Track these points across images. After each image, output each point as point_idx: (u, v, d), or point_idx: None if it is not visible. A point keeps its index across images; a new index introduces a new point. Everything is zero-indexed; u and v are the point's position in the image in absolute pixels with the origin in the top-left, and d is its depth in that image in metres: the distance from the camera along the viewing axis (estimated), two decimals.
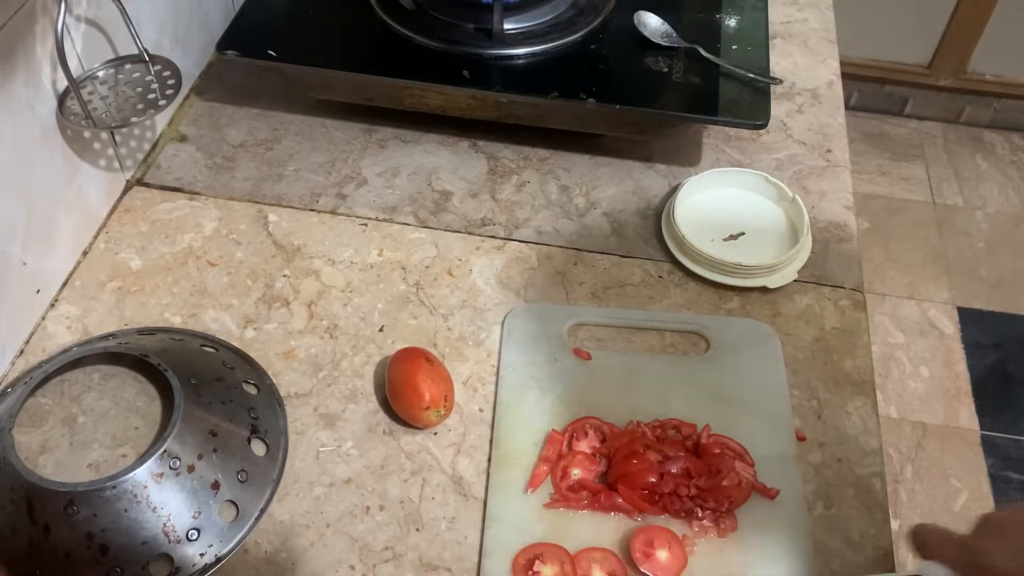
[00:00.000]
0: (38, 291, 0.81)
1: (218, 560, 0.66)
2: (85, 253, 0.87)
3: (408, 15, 0.97)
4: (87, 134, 0.85)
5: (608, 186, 0.95)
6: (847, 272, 0.87)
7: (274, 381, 0.77)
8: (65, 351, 0.77)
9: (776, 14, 1.13)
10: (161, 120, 0.98)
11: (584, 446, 0.72)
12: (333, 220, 0.90)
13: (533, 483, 0.70)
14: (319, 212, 0.91)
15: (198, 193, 0.92)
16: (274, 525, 0.69)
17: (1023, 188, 2.25)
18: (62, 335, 0.80)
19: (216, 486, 0.67)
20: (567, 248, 0.88)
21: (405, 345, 0.79)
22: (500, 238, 0.89)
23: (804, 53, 1.11)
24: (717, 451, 0.71)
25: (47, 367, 0.73)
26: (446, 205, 0.92)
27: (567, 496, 0.69)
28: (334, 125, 1.00)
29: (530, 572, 0.65)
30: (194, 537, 0.65)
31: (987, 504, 1.67)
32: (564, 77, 0.92)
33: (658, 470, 0.69)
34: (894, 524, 0.68)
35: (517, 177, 0.95)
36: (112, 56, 0.85)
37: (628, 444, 0.71)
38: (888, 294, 2.01)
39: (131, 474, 0.64)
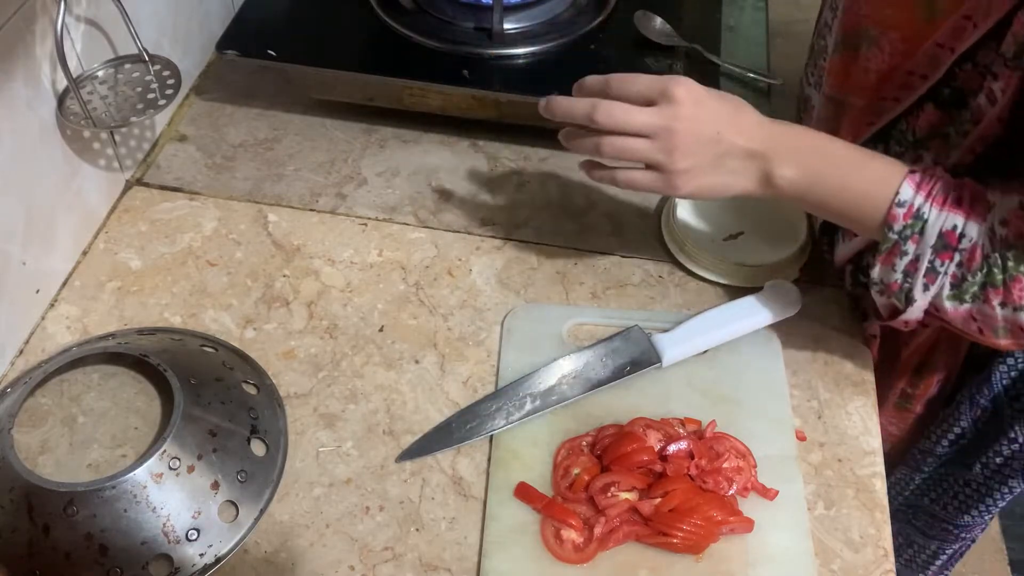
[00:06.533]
0: (38, 291, 0.81)
1: (218, 560, 0.66)
2: (85, 253, 0.87)
3: (408, 15, 0.97)
4: (87, 134, 0.85)
5: (608, 186, 0.94)
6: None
7: (274, 381, 0.77)
8: (65, 351, 0.77)
9: (776, 14, 1.13)
10: (161, 120, 0.98)
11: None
12: (333, 220, 0.90)
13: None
14: (319, 212, 0.91)
15: (198, 193, 0.92)
16: (274, 525, 0.69)
17: None
18: (62, 335, 0.80)
19: (216, 486, 0.67)
20: (567, 248, 0.88)
21: (405, 345, 0.79)
22: (500, 238, 0.89)
23: (804, 53, 1.10)
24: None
25: (47, 367, 0.73)
26: (446, 205, 0.92)
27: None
28: (334, 125, 1.00)
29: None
30: (194, 537, 0.65)
31: None
32: (564, 77, 0.91)
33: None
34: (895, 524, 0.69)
35: (517, 177, 0.95)
36: (112, 56, 0.85)
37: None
38: None
39: (131, 474, 0.64)
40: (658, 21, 0.96)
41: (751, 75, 0.92)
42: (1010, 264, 0.62)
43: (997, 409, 0.80)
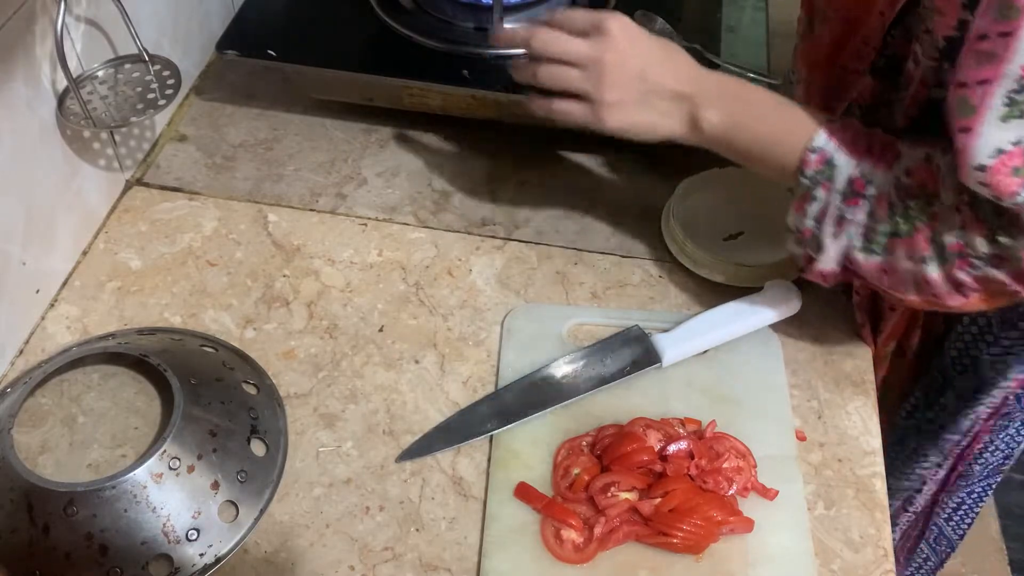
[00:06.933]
0: (38, 291, 0.81)
1: (218, 560, 0.66)
2: (85, 253, 0.87)
3: (408, 14, 0.97)
4: (87, 134, 0.85)
5: (608, 186, 0.95)
6: None
7: (274, 381, 0.77)
8: (65, 351, 0.77)
9: (776, 14, 1.13)
10: (161, 120, 0.98)
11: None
12: (333, 220, 0.90)
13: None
14: (319, 212, 0.91)
15: (198, 193, 0.92)
16: (274, 525, 0.69)
17: None
18: (62, 335, 0.80)
19: (216, 486, 0.67)
20: (567, 248, 0.88)
21: (405, 345, 0.79)
22: (500, 238, 0.89)
23: None
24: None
25: (47, 367, 0.73)
26: (446, 205, 0.92)
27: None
28: (334, 125, 1.00)
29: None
30: (194, 537, 0.65)
31: (988, 506, 1.67)
32: None
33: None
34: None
35: (517, 177, 0.95)
36: (112, 56, 0.85)
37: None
38: None
39: (131, 474, 0.64)
40: (658, 21, 0.96)
41: (751, 75, 0.91)
42: (912, 214, 0.62)
43: (946, 380, 0.82)
